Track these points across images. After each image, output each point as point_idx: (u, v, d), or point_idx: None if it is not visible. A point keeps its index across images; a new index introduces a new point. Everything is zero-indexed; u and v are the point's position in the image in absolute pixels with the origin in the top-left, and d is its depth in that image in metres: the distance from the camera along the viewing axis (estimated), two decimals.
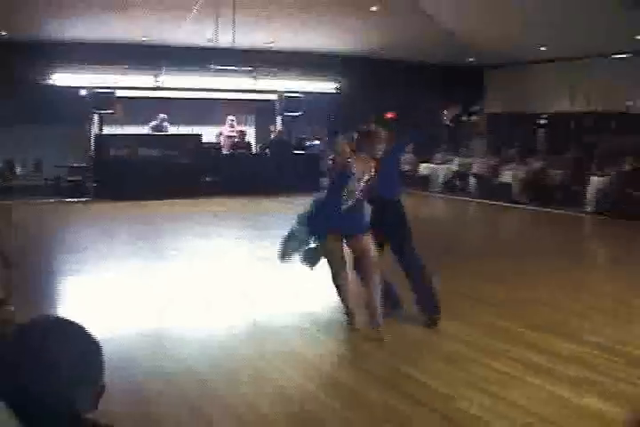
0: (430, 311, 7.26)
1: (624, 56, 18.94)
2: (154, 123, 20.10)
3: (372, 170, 6.87)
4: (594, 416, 5.00)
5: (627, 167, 17.11)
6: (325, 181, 19.30)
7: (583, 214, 17.03)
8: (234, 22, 15.66)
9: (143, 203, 17.06)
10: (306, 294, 8.65)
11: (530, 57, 20.86)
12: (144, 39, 18.04)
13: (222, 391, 5.53)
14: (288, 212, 16.96)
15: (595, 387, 5.56)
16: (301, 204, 16.82)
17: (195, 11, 16.28)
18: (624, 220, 15.67)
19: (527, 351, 6.40)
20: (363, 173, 6.79)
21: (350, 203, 6.78)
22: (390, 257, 7.42)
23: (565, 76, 20.76)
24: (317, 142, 22.30)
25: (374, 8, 17.07)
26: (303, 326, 7.27)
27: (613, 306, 8.24)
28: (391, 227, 7.30)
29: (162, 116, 20.12)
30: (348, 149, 6.93)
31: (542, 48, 19.39)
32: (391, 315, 7.31)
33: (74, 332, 1.85)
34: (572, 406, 5.16)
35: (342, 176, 6.81)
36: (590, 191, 17.38)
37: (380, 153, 7.03)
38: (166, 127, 20.26)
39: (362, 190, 6.80)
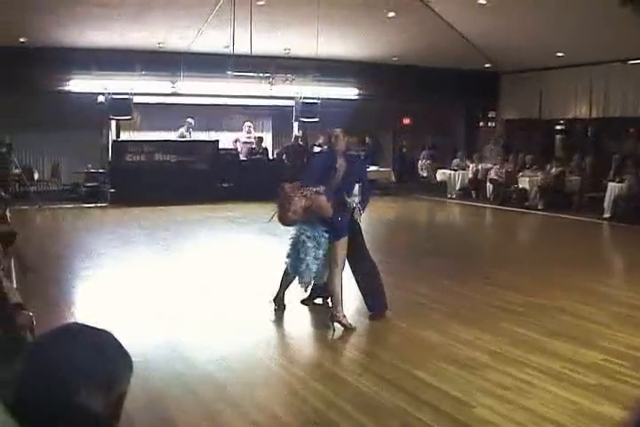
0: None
1: None
2: (184, 128, 20.27)
3: None
4: (610, 423, 4.96)
5: None
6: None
7: (601, 221, 16.96)
8: (251, 29, 15.68)
9: (160, 208, 17.12)
10: (320, 299, 8.66)
11: (547, 63, 20.81)
12: (161, 45, 18.10)
13: (238, 396, 5.53)
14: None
15: (613, 394, 5.52)
16: None
17: (211, 17, 16.34)
18: None
19: (545, 359, 6.37)
20: None
21: None
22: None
23: (582, 81, 20.69)
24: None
25: (391, 14, 17.07)
26: (319, 331, 7.28)
27: (632, 313, 8.21)
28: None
29: (190, 120, 20.29)
30: None
31: (559, 54, 19.34)
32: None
33: (98, 338, 1.86)
34: (589, 414, 5.14)
35: None
36: (608, 197, 17.31)
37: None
38: (191, 132, 20.48)
39: None
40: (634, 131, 20.92)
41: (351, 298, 7.93)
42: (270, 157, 21.25)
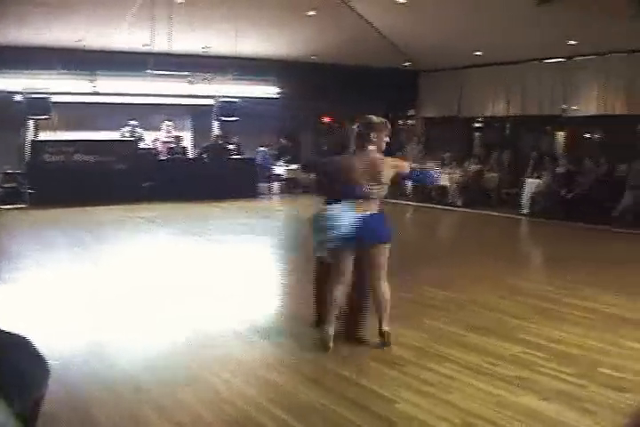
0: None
1: (557, 60, 19.23)
2: (126, 129, 20.17)
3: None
4: (531, 414, 5.08)
5: (560, 170, 17.39)
6: (262, 187, 19.05)
7: (519, 216, 17.28)
8: (170, 27, 15.60)
9: (80, 209, 16.92)
10: (243, 300, 8.66)
11: (465, 62, 21.08)
12: (79, 44, 17.85)
13: (160, 397, 5.47)
14: (225, 217, 17.01)
15: (532, 385, 5.65)
16: (238, 209, 16.79)
17: (131, 15, 16.19)
18: (558, 221, 15.96)
19: (466, 353, 6.47)
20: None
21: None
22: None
23: (500, 80, 21.01)
24: (263, 149, 22.35)
25: (311, 13, 17.12)
26: (241, 331, 7.25)
27: (549, 306, 8.39)
28: None
29: (132, 122, 20.19)
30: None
31: (477, 53, 19.60)
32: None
33: (14, 343, 1.85)
34: (510, 405, 5.24)
35: None
36: (526, 194, 17.64)
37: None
38: (141, 133, 20.48)
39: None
40: (550, 128, 21.31)
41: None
42: (190, 156, 21.19)
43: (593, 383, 5.73)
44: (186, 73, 19.42)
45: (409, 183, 19.55)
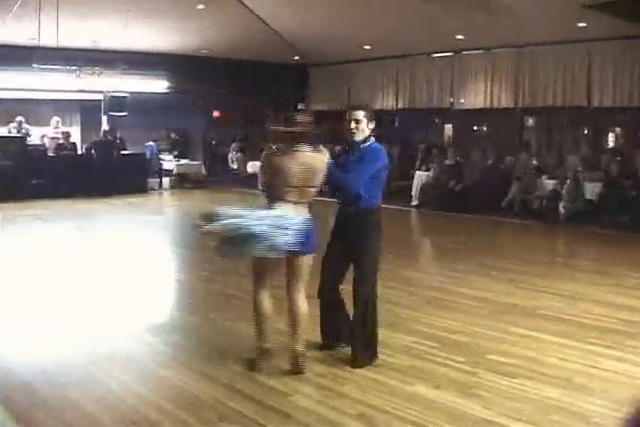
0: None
1: (445, 55, 19.55)
2: (12, 125, 19.71)
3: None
4: (424, 403, 5.19)
5: (449, 162, 17.71)
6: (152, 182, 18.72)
7: (409, 208, 17.54)
8: (57, 20, 15.31)
9: None
10: (139, 301, 8.57)
11: (354, 55, 21.24)
12: None
13: (53, 399, 5.37)
14: (115, 212, 16.82)
15: (424, 374, 5.78)
16: (128, 204, 16.56)
17: (17, 7, 15.83)
18: (448, 212, 16.26)
19: None
20: None
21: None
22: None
23: (389, 73, 21.25)
24: (152, 143, 22.15)
25: (200, 6, 17.04)
26: (136, 330, 7.19)
27: (440, 296, 8.56)
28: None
29: (19, 118, 19.74)
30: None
31: (366, 46, 19.79)
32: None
33: None
34: (402, 394, 5.35)
35: None
36: (415, 186, 17.92)
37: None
38: (27, 129, 20.03)
39: None
40: (439, 121, 21.67)
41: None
42: (79, 151, 20.84)
43: (483, 370, 5.89)
44: (74, 67, 19.07)
45: None
